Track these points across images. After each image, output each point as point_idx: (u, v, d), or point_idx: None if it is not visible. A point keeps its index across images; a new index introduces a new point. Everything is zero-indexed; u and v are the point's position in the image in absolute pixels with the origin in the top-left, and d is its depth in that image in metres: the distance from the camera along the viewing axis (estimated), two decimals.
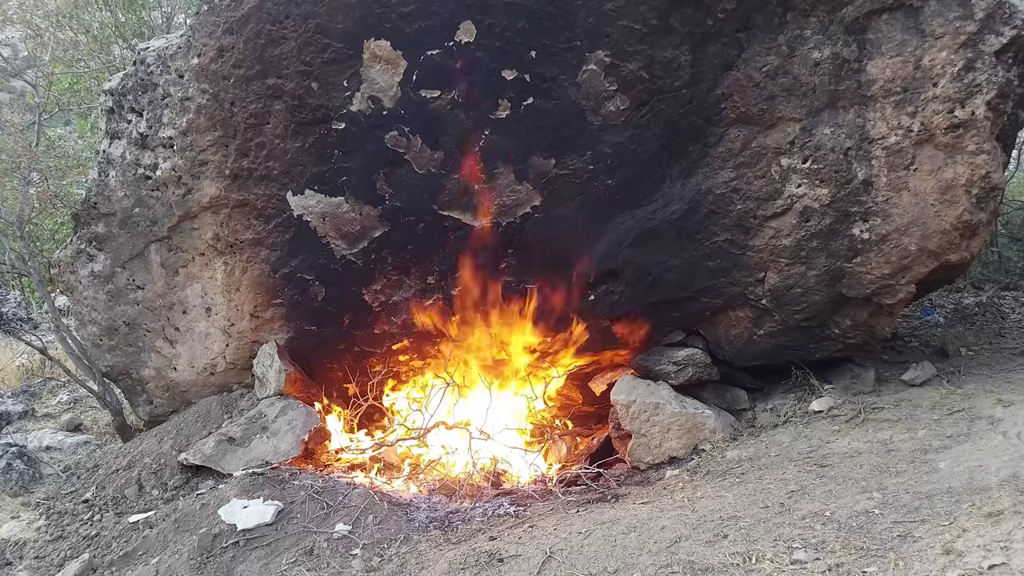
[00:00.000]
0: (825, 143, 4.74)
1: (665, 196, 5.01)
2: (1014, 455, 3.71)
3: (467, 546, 3.90)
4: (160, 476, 5.20)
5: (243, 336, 5.70)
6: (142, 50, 5.51)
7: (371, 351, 5.74)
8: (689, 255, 5.07)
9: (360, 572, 3.86)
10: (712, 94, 4.81)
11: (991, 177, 4.56)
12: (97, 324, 5.87)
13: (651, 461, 5.00)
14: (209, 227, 5.50)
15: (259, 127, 5.16)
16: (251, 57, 5.03)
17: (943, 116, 4.54)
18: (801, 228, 4.86)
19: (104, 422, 6.77)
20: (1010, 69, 4.48)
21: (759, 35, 4.70)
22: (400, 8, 4.81)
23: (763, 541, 3.31)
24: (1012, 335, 6.42)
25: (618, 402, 5.14)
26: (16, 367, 8.63)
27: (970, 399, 4.68)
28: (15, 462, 5.65)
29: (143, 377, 5.93)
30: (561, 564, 3.47)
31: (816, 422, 4.85)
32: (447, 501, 4.75)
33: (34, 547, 4.74)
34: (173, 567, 4.05)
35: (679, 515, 3.80)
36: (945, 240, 4.69)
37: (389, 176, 5.18)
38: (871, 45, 4.62)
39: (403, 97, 4.98)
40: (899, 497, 3.53)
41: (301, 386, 5.55)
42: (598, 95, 4.84)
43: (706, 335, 5.36)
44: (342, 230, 5.33)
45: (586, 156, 4.96)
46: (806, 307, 5.02)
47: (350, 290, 5.50)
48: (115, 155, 5.57)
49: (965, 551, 2.84)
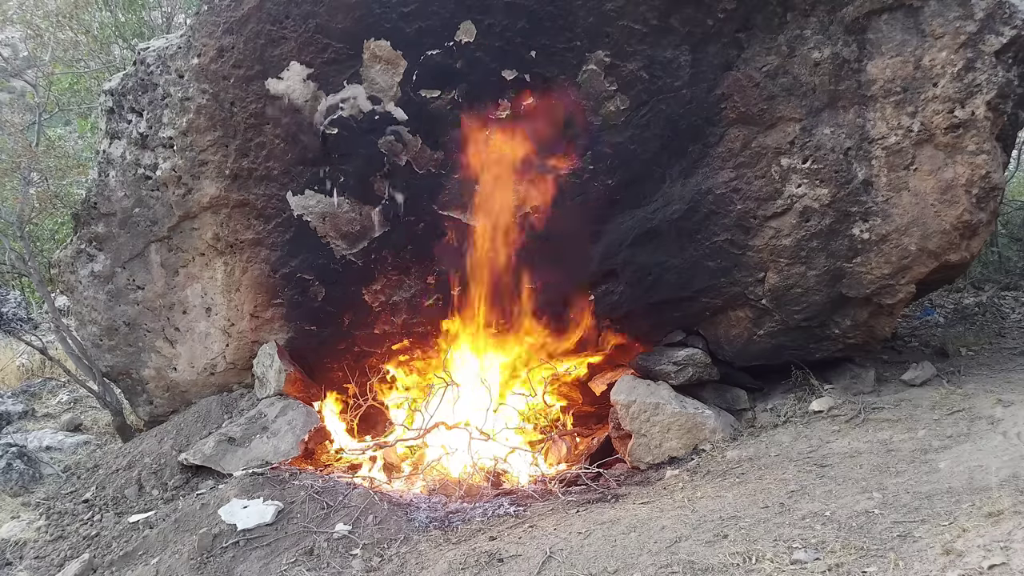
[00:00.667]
0: (825, 143, 4.74)
1: (665, 196, 5.01)
2: (1014, 455, 3.71)
3: (467, 546, 3.90)
4: (160, 476, 5.21)
5: (243, 336, 5.70)
6: (142, 50, 5.51)
7: (371, 351, 5.74)
8: (689, 255, 5.07)
9: (360, 572, 3.86)
10: (712, 94, 4.81)
11: (991, 177, 4.56)
12: (97, 324, 5.87)
13: (651, 461, 5.00)
14: (209, 227, 5.50)
15: (259, 127, 5.17)
16: (251, 57, 5.03)
17: (943, 116, 4.54)
18: (801, 228, 4.86)
19: (104, 422, 6.78)
20: (1010, 69, 4.48)
21: (759, 35, 4.70)
22: (400, 8, 4.81)
23: (763, 541, 3.31)
24: (1012, 335, 6.42)
25: (618, 402, 5.14)
26: (16, 367, 8.63)
27: (970, 399, 4.68)
28: (15, 462, 5.65)
29: (143, 377, 5.94)
30: (561, 564, 3.47)
31: (816, 422, 4.85)
32: (447, 501, 4.75)
33: (34, 547, 4.74)
34: (173, 567, 4.05)
35: (679, 515, 3.80)
36: (945, 240, 4.69)
37: (389, 176, 5.19)
38: (871, 45, 4.62)
39: (403, 97, 4.99)
40: (899, 497, 3.53)
41: (301, 386, 5.55)
42: (598, 95, 4.84)
43: (706, 335, 5.36)
44: (342, 230, 5.33)
45: (586, 156, 4.96)
46: (806, 307, 5.02)
47: (350, 290, 5.50)
48: (115, 155, 5.57)
49: (965, 551, 2.84)
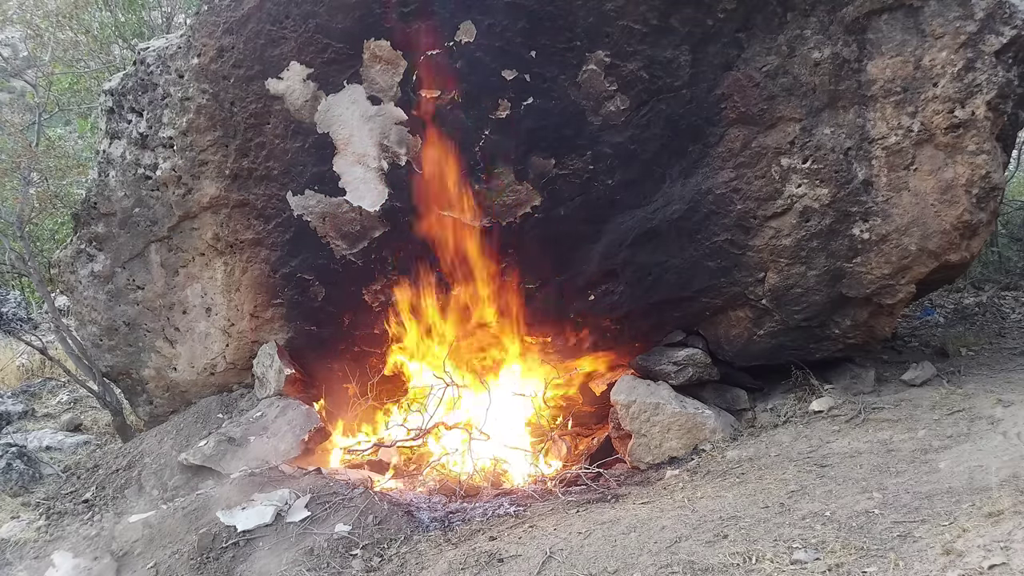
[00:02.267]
0: (825, 143, 4.74)
1: (665, 196, 5.01)
2: (1014, 455, 3.71)
3: (467, 546, 3.90)
4: (160, 476, 5.20)
5: (243, 336, 5.70)
6: (142, 50, 5.51)
7: (371, 351, 5.74)
8: (689, 255, 5.07)
9: (360, 572, 3.86)
10: (712, 94, 4.80)
11: (991, 177, 4.56)
12: (97, 324, 5.87)
13: (651, 461, 5.00)
14: (209, 227, 5.50)
15: (259, 127, 5.17)
16: (251, 57, 5.03)
17: (943, 116, 4.54)
18: (801, 228, 4.86)
19: (104, 422, 6.78)
20: (1010, 69, 4.48)
21: (759, 35, 4.70)
22: (400, 8, 4.81)
23: (763, 541, 3.31)
24: (1012, 335, 6.42)
25: (618, 402, 5.14)
26: (16, 367, 8.63)
27: (970, 399, 4.68)
28: (15, 462, 5.65)
29: (143, 377, 5.93)
30: (561, 564, 3.47)
31: (816, 422, 4.85)
32: (447, 501, 4.75)
33: (34, 547, 4.74)
34: (173, 567, 4.05)
35: (679, 515, 3.79)
36: (945, 240, 4.68)
37: (389, 176, 5.19)
38: (871, 45, 4.62)
39: (403, 97, 4.99)
40: (899, 497, 3.53)
41: (301, 386, 5.55)
42: (598, 95, 4.83)
43: (706, 335, 5.36)
44: (342, 230, 5.33)
45: (586, 156, 4.95)
46: (806, 307, 5.02)
47: (350, 290, 5.50)
48: (115, 155, 5.57)
49: (965, 551, 2.84)
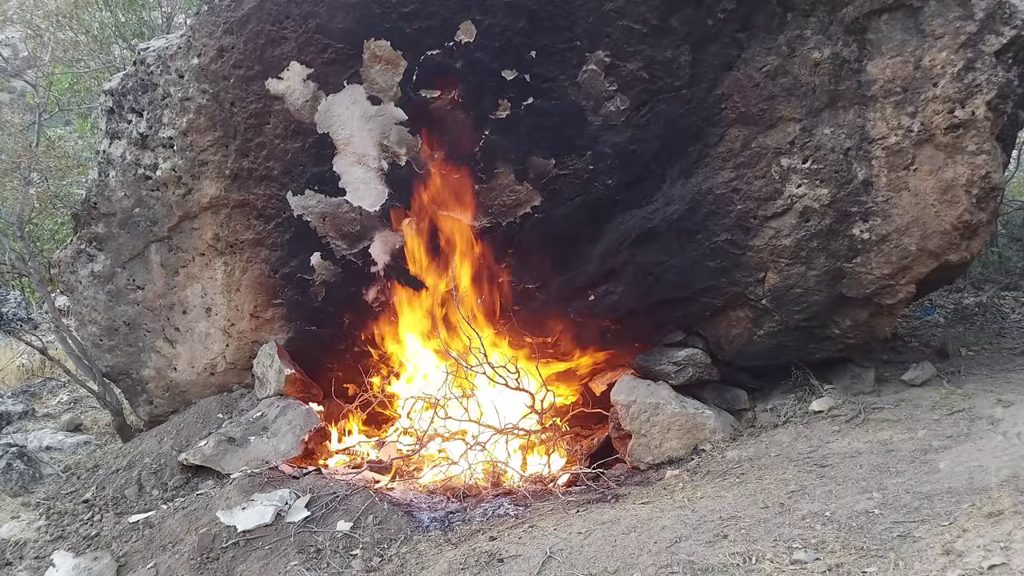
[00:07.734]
0: (825, 143, 4.74)
1: (665, 196, 5.01)
2: (1014, 455, 3.71)
3: (467, 546, 3.89)
4: (160, 476, 5.20)
5: (243, 336, 5.70)
6: (142, 50, 5.51)
7: (371, 351, 5.74)
8: (689, 255, 5.07)
9: (360, 572, 3.86)
10: (712, 94, 4.80)
11: (991, 177, 4.56)
12: (97, 324, 5.87)
13: (651, 461, 5.00)
14: (209, 227, 5.50)
15: (259, 127, 5.17)
16: (251, 57, 5.03)
17: (943, 116, 4.54)
18: (801, 228, 4.86)
19: (104, 422, 6.78)
20: (1010, 69, 4.48)
21: (759, 35, 4.70)
22: (400, 8, 4.81)
23: (763, 541, 3.31)
24: (1012, 335, 6.42)
25: (618, 402, 5.14)
26: (16, 367, 8.63)
27: (970, 399, 4.68)
28: (15, 462, 5.65)
29: (143, 377, 5.93)
30: (561, 564, 3.47)
31: (816, 422, 4.85)
32: (447, 501, 4.75)
33: (34, 547, 4.74)
34: (173, 567, 4.05)
35: (679, 515, 3.79)
36: (945, 240, 4.68)
37: (389, 176, 5.19)
38: (871, 45, 4.62)
39: (403, 97, 4.99)
40: (899, 497, 3.53)
41: (301, 386, 5.55)
42: (598, 95, 4.83)
43: (706, 335, 5.36)
44: (342, 230, 5.33)
45: (586, 156, 4.95)
46: (806, 307, 5.02)
47: (350, 290, 5.50)
48: (115, 155, 5.57)
49: (965, 551, 2.84)
